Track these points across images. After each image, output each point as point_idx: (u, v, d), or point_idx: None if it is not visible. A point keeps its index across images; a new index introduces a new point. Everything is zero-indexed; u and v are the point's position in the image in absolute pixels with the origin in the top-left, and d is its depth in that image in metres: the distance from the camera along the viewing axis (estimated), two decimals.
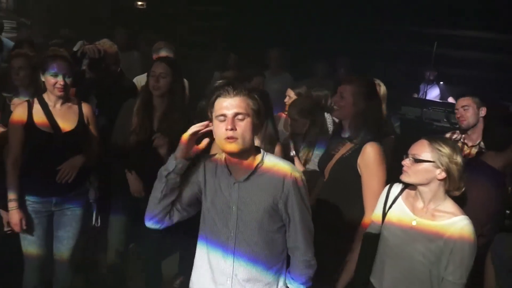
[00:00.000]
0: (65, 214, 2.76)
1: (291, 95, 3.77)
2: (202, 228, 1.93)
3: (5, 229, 3.44)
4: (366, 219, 2.29)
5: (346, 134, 2.45)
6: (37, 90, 2.94)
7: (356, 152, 2.35)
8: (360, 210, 2.34)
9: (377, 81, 3.27)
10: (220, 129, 1.73)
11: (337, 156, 2.47)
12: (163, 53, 4.05)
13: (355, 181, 2.34)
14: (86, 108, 2.77)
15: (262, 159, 1.84)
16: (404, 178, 2.04)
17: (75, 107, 2.75)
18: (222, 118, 1.73)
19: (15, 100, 3.19)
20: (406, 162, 2.02)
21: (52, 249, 2.82)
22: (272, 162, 1.85)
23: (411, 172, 2.00)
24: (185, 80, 4.19)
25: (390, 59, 6.27)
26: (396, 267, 2.04)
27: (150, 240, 3.01)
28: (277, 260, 1.89)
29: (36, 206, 2.69)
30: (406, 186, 2.11)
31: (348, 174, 2.38)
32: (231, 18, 7.68)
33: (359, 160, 2.32)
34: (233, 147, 1.73)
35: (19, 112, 2.65)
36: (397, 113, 5.22)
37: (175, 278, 3.47)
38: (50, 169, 2.62)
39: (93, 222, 2.90)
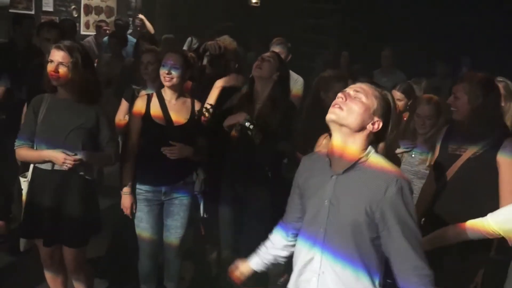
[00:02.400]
0: (173, 203, 2.89)
1: (396, 97, 3.60)
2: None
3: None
4: None
5: (468, 133, 2.36)
6: (161, 84, 3.13)
7: (492, 149, 2.27)
8: (489, 209, 2.19)
9: (503, 79, 3.08)
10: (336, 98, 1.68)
11: (465, 156, 2.37)
12: (277, 50, 4.07)
13: (491, 180, 2.27)
14: (198, 106, 2.89)
15: (367, 154, 1.65)
16: None
17: (189, 103, 2.88)
18: (343, 91, 1.68)
19: (142, 93, 3.41)
20: None
21: (162, 237, 2.97)
22: (377, 161, 1.65)
23: None
24: (301, 79, 4.21)
25: None
26: None
27: (257, 235, 3.03)
28: (370, 274, 1.66)
29: (147, 195, 2.85)
30: None
31: (482, 173, 2.31)
32: (344, 15, 7.53)
33: (499, 156, 2.24)
34: (333, 113, 1.63)
35: (139, 105, 2.85)
36: None
37: (279, 275, 3.49)
38: (161, 160, 2.75)
39: (201, 214, 3.00)
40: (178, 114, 2.82)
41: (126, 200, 2.85)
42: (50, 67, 2.48)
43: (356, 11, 7.25)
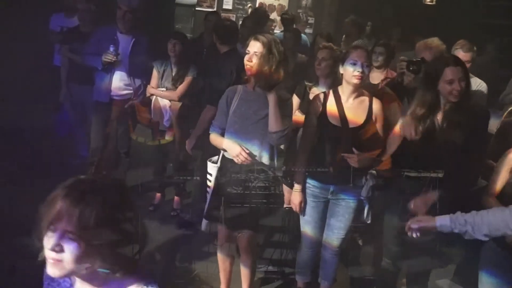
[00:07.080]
0: (339, 204, 2.84)
1: None
2: None
3: (285, 205, 3.85)
4: None
5: None
6: (334, 82, 3.11)
7: None
8: None
9: None
10: None
11: None
12: (460, 53, 3.73)
13: None
14: (376, 105, 2.74)
15: None
16: None
17: (366, 102, 2.75)
18: None
19: (314, 89, 3.43)
20: None
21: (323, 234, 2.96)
22: None
23: None
24: (484, 84, 3.78)
25: None
26: None
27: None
28: None
29: (315, 190, 2.84)
30: None
31: None
32: None
33: None
34: None
35: (315, 102, 2.82)
36: None
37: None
38: (334, 159, 2.71)
39: (364, 217, 2.90)
40: (354, 114, 2.73)
41: (296, 197, 2.87)
42: (246, 57, 2.61)
43: None
